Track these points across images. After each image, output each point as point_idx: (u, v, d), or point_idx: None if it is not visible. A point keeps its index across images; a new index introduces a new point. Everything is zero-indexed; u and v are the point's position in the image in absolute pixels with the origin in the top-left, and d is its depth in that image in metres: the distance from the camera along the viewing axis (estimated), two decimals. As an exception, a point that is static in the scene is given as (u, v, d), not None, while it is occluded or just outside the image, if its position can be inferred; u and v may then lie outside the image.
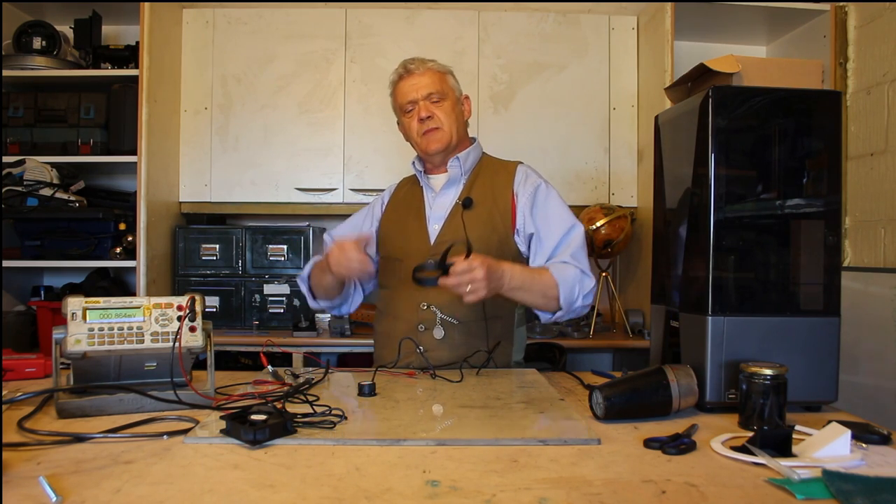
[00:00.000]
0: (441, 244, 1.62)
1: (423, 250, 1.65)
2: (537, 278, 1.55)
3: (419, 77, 1.68)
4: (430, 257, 1.53)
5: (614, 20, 3.05)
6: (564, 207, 1.69)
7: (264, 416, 1.02)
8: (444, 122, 1.67)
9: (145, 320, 1.20)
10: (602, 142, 3.04)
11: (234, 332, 2.77)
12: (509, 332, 1.69)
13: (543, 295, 1.55)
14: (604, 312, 3.05)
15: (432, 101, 1.68)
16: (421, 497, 0.80)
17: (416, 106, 1.68)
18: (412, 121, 1.69)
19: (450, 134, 1.68)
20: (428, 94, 1.67)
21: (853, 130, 2.59)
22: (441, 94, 1.68)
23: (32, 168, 2.58)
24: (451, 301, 1.60)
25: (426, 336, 1.61)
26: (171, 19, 2.87)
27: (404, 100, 1.70)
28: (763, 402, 1.09)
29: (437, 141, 1.67)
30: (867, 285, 2.42)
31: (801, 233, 1.28)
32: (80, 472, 0.87)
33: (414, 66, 1.69)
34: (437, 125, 1.67)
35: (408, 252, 1.67)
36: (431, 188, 1.75)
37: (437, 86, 1.68)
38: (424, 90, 1.67)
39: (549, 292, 1.55)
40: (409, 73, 1.70)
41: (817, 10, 2.72)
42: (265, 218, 3.16)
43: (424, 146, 1.69)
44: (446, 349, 1.60)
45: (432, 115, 1.67)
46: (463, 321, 1.62)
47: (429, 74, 1.69)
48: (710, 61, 1.41)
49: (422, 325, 1.62)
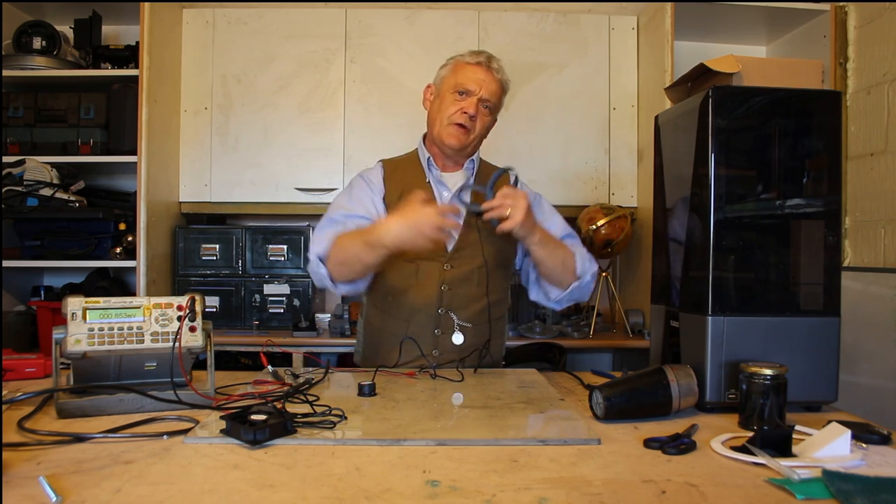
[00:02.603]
0: (459, 249, 1.64)
1: (440, 255, 1.63)
2: (559, 245, 1.60)
3: (493, 79, 1.64)
4: (467, 188, 1.57)
5: (614, 20, 3.05)
6: (560, 218, 1.74)
7: (264, 416, 1.02)
8: (478, 130, 1.66)
9: (145, 320, 1.20)
10: (602, 142, 3.04)
11: (234, 332, 2.77)
12: (504, 331, 1.76)
13: (563, 261, 1.59)
14: (604, 312, 3.05)
15: (483, 107, 1.65)
16: (421, 497, 0.80)
17: (468, 98, 1.63)
18: (455, 105, 1.63)
19: (473, 142, 1.68)
20: (486, 98, 1.64)
21: (853, 130, 2.59)
22: (493, 107, 1.67)
23: (32, 168, 2.58)
24: (465, 305, 1.63)
25: (443, 340, 1.62)
26: (171, 19, 2.87)
27: (465, 85, 1.63)
28: (763, 402, 1.09)
29: (462, 140, 1.64)
30: (867, 285, 2.42)
31: (801, 233, 1.28)
32: (80, 472, 0.87)
33: (494, 67, 1.65)
34: (471, 128, 1.64)
35: (423, 254, 1.57)
36: (446, 186, 1.70)
37: (496, 98, 1.66)
38: (486, 93, 1.63)
39: (568, 262, 1.60)
40: (487, 66, 1.64)
41: (817, 10, 2.72)
42: (265, 218, 3.17)
43: (446, 136, 1.64)
44: (457, 352, 1.62)
45: (475, 118, 1.64)
46: (475, 324, 1.64)
47: (498, 83, 1.66)
48: (710, 61, 1.41)
49: (438, 330, 1.62)
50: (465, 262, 1.63)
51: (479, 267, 1.63)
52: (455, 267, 1.63)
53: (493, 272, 1.65)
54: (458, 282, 1.63)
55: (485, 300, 1.64)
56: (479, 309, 1.64)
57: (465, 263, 1.63)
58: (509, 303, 1.79)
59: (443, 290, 1.62)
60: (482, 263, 1.63)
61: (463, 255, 1.64)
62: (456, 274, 1.63)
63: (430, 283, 1.62)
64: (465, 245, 1.64)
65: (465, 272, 1.63)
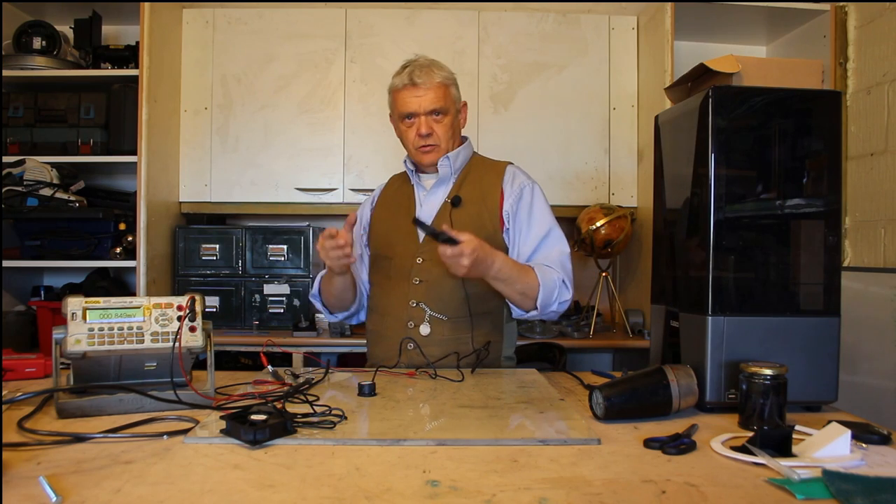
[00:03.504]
0: (429, 242, 1.63)
1: (412, 248, 1.66)
2: (523, 276, 1.56)
3: (425, 91, 1.64)
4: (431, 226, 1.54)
5: (614, 20, 3.05)
6: (547, 210, 1.70)
7: (264, 416, 1.02)
8: (443, 138, 1.67)
9: (145, 320, 1.20)
10: (602, 142, 3.04)
11: (234, 332, 2.77)
12: (499, 328, 1.70)
13: (522, 293, 1.57)
14: (604, 312, 3.05)
15: (434, 117, 1.65)
16: (421, 497, 0.80)
17: (416, 118, 1.66)
18: (410, 131, 1.67)
19: (446, 149, 1.68)
20: (431, 111, 1.65)
21: (853, 130, 2.59)
22: (443, 110, 1.66)
23: (32, 168, 2.58)
24: (439, 297, 1.63)
25: (414, 332, 1.63)
26: (171, 19, 2.87)
27: (405, 110, 1.66)
28: (763, 402, 1.09)
29: (434, 156, 1.68)
30: (867, 285, 2.42)
31: (801, 233, 1.28)
32: (80, 472, 0.87)
33: (421, 80, 1.63)
34: (435, 143, 1.66)
35: (396, 250, 1.68)
36: (423, 186, 1.75)
37: (441, 102, 1.65)
38: (428, 106, 1.64)
39: (530, 292, 1.57)
40: (414, 84, 1.64)
41: (817, 10, 2.72)
42: (265, 218, 3.17)
43: (419, 158, 1.70)
44: (435, 345, 1.61)
45: (432, 133, 1.65)
46: (451, 317, 1.63)
47: (434, 89, 1.64)
48: (710, 61, 1.41)
49: (411, 322, 1.63)
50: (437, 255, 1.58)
51: None
52: (427, 259, 1.63)
53: None
54: (430, 274, 1.62)
55: (462, 292, 1.62)
56: (456, 302, 1.62)
57: (436, 256, 1.57)
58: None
59: (415, 283, 1.62)
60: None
61: (433, 247, 1.59)
62: (428, 266, 1.63)
63: (402, 276, 1.66)
64: None
65: (437, 265, 1.58)
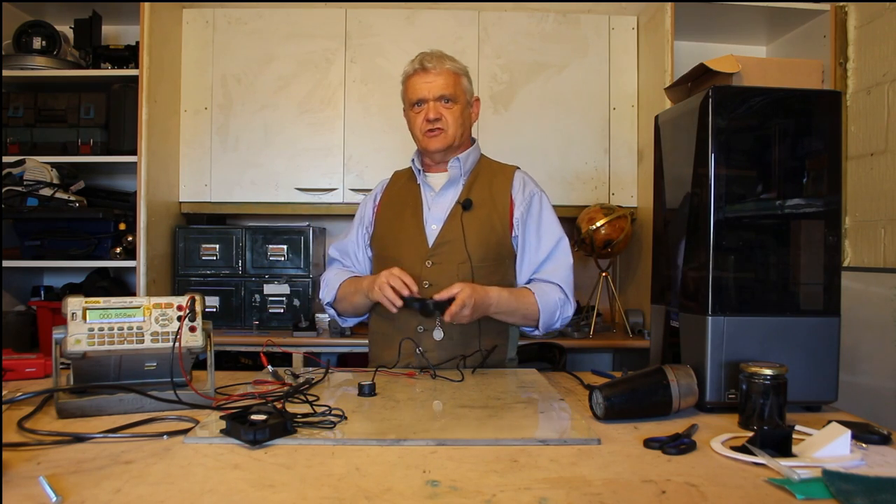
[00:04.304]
0: (440, 245, 1.64)
1: (422, 251, 1.65)
2: (522, 303, 1.63)
3: (435, 76, 1.66)
4: (421, 297, 1.54)
5: (614, 20, 3.05)
6: (555, 221, 1.72)
7: (264, 416, 1.02)
8: (451, 125, 1.67)
9: (145, 320, 1.20)
10: (602, 142, 3.04)
11: (234, 332, 2.77)
12: (504, 331, 1.71)
13: (524, 317, 1.65)
14: (604, 312, 3.05)
15: (443, 103, 1.66)
16: (421, 497, 0.80)
17: (425, 104, 1.66)
18: (419, 117, 1.68)
19: (454, 137, 1.68)
20: (440, 96, 1.66)
21: (853, 130, 2.59)
22: (453, 97, 1.67)
23: (32, 168, 2.58)
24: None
25: (425, 337, 1.62)
26: (171, 19, 2.87)
27: (415, 96, 1.67)
28: (763, 402, 1.09)
29: (440, 141, 1.67)
30: (867, 285, 2.42)
31: (801, 233, 1.28)
32: (80, 472, 0.87)
33: (431, 65, 1.66)
34: (442, 127, 1.66)
35: (405, 252, 1.67)
36: (431, 187, 1.74)
37: (451, 88, 1.66)
38: (437, 91, 1.65)
39: (531, 315, 1.64)
40: (424, 69, 1.66)
41: (817, 10, 2.72)
42: (265, 218, 3.17)
43: (426, 144, 1.69)
44: (445, 349, 1.61)
45: (440, 118, 1.66)
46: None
47: (444, 75, 1.66)
48: (710, 61, 1.41)
49: (421, 327, 1.63)
50: (447, 258, 1.63)
51: (462, 262, 1.62)
52: (437, 263, 1.63)
53: (478, 268, 1.62)
54: (439, 278, 1.62)
55: None
56: None
57: (446, 260, 1.63)
58: None
59: (425, 287, 1.62)
60: (465, 259, 1.61)
61: (443, 251, 1.63)
62: (438, 270, 1.63)
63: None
64: (447, 241, 1.64)
65: (447, 268, 1.62)
